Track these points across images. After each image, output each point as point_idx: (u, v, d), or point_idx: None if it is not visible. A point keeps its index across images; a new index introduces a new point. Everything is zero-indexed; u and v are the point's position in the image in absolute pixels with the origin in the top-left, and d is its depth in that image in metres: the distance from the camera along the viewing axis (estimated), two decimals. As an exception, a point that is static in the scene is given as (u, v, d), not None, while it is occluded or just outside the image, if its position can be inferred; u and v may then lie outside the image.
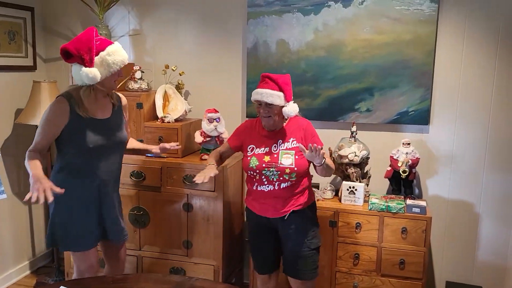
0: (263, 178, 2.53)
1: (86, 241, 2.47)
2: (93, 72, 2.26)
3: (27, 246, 3.86)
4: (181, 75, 3.47)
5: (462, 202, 3.24)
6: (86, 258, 2.53)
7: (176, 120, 3.32)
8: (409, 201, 2.99)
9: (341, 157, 3.11)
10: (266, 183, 2.53)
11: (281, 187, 2.50)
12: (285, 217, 2.54)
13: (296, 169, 2.45)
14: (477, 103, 3.12)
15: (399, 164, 3.05)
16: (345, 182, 3.09)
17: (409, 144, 3.10)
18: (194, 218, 3.18)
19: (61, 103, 2.33)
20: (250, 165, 2.55)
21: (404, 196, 3.14)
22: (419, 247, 2.92)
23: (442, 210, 3.27)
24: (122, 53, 2.37)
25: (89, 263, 2.54)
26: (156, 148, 2.77)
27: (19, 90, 3.64)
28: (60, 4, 3.81)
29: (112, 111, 2.50)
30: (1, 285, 3.58)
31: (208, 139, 3.20)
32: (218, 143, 3.23)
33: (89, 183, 2.42)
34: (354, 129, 3.13)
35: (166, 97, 3.42)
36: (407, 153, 3.08)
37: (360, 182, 3.11)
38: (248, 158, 2.58)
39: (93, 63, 2.27)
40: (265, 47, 3.39)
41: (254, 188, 2.59)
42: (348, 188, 3.07)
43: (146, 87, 3.40)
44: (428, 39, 3.08)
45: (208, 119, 3.16)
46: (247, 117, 3.52)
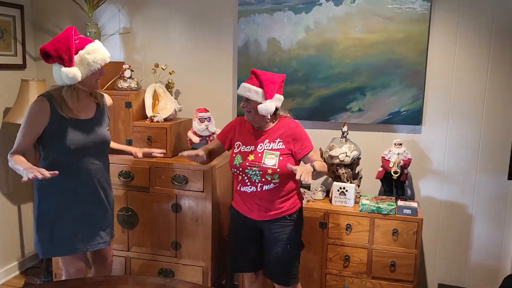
0: (245, 179, 2.50)
1: (72, 244, 2.42)
2: (72, 71, 2.21)
3: (16, 246, 3.82)
4: (171, 74, 3.44)
5: (454, 203, 3.20)
6: (75, 262, 2.49)
7: (166, 120, 3.28)
8: (400, 203, 2.94)
9: (331, 157, 3.06)
10: (249, 184, 2.49)
11: (264, 189, 2.45)
12: (269, 221, 2.50)
13: (278, 170, 2.40)
14: (470, 103, 3.08)
15: (390, 165, 3.01)
16: (335, 183, 3.05)
17: (401, 144, 3.06)
18: (183, 218, 3.14)
19: (42, 102, 2.28)
20: (234, 162, 2.52)
21: (395, 197, 3.10)
22: (410, 249, 2.88)
23: (435, 212, 3.23)
24: (103, 51, 2.32)
25: (78, 266, 2.50)
26: (140, 153, 2.69)
27: (8, 88, 3.60)
28: (50, 2, 3.77)
29: (96, 110, 2.45)
30: (-10, 285, 3.55)
31: (199, 139, 3.16)
32: (209, 142, 3.19)
33: (72, 185, 2.37)
34: (345, 129, 3.09)
35: (155, 96, 3.38)
36: (398, 153, 3.03)
37: (351, 183, 3.07)
38: (234, 155, 2.55)
39: (72, 63, 2.22)
40: (256, 45, 3.35)
41: (238, 188, 2.56)
42: (338, 189, 3.03)
43: (136, 86, 3.36)
44: (421, 38, 3.04)
45: (199, 118, 3.13)
46: (238, 116, 3.47)
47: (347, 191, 3.01)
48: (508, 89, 3.00)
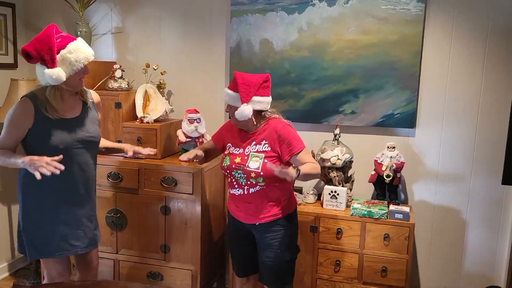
0: (233, 181, 2.46)
1: (55, 246, 2.36)
2: (56, 73, 2.15)
3: (5, 248, 3.77)
4: (162, 74, 3.39)
5: (448, 208, 3.14)
6: (57, 265, 2.44)
7: (156, 121, 3.24)
8: (392, 207, 2.89)
9: (323, 160, 3.01)
10: (236, 186, 2.45)
11: (250, 192, 2.40)
12: (259, 225, 2.45)
13: (262, 173, 2.33)
14: (464, 106, 3.02)
15: (383, 168, 2.96)
16: (327, 186, 3.00)
17: (394, 147, 3.01)
18: (172, 221, 3.09)
19: (25, 103, 2.23)
20: (223, 163, 2.49)
21: (388, 202, 3.04)
22: (401, 255, 2.82)
23: (428, 216, 3.17)
24: (85, 49, 2.26)
25: (60, 269, 2.45)
26: (130, 150, 2.65)
27: (-2, 88, 3.57)
28: (42, 1, 3.74)
29: (82, 108, 2.40)
30: (-22, 287, 3.51)
31: (188, 139, 3.12)
32: (198, 144, 3.15)
33: (57, 186, 2.32)
34: (337, 131, 3.04)
35: (146, 97, 3.34)
36: (391, 157, 2.98)
37: (342, 187, 3.01)
38: (223, 156, 2.52)
39: (55, 63, 2.16)
40: (248, 46, 3.30)
41: (229, 190, 2.54)
42: (330, 193, 2.98)
43: (126, 86, 3.32)
44: (415, 39, 2.98)
45: (188, 119, 3.08)
46: (229, 117, 3.42)
47: (338, 194, 2.96)
48: (503, 92, 2.94)
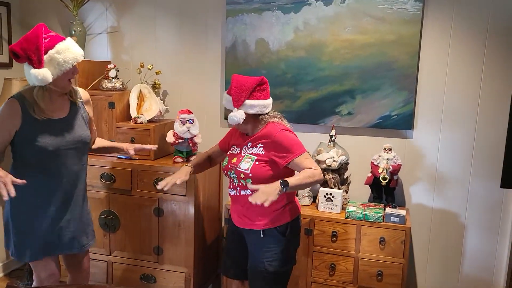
0: (230, 181, 2.42)
1: (43, 248, 2.33)
2: (42, 73, 2.10)
3: (0, 248, 3.74)
4: (157, 74, 3.36)
5: (447, 211, 3.08)
6: (46, 267, 2.40)
7: (150, 121, 3.20)
8: (387, 210, 2.84)
9: (319, 162, 2.96)
10: (231, 186, 2.41)
11: (242, 194, 2.34)
12: (249, 230, 2.38)
13: (250, 175, 2.26)
14: (463, 107, 2.97)
15: (379, 171, 2.91)
16: (322, 189, 2.95)
17: (391, 149, 2.96)
18: (165, 223, 3.05)
19: (12, 105, 2.18)
20: (223, 163, 2.46)
21: (384, 204, 2.99)
22: (397, 259, 2.77)
23: (426, 220, 3.12)
24: (74, 49, 2.20)
25: (49, 271, 2.41)
26: (131, 149, 2.59)
27: (-8, 87, 3.53)
28: (37, 0, 3.70)
29: (70, 109, 2.36)
30: (-29, 288, 3.47)
31: (180, 140, 3.08)
32: (191, 145, 3.11)
33: (45, 187, 2.28)
34: (333, 133, 2.99)
35: (141, 97, 3.30)
36: (388, 159, 2.93)
37: (338, 189, 2.96)
38: (226, 156, 2.48)
39: (42, 64, 2.11)
40: (244, 46, 3.26)
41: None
42: (325, 195, 2.93)
43: (121, 86, 3.28)
44: (412, 39, 2.93)
45: (180, 120, 3.04)
46: (225, 118, 3.39)
47: (333, 197, 2.91)
48: (503, 93, 2.88)
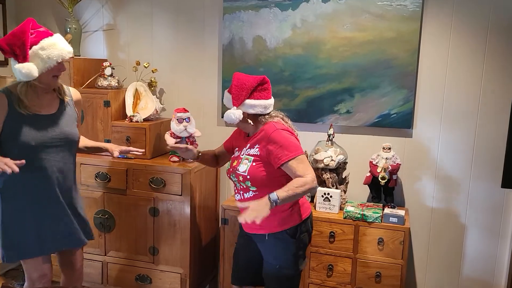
0: (234, 185, 2.35)
1: (33, 247, 2.29)
2: (26, 67, 2.07)
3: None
4: (154, 72, 3.32)
5: (447, 211, 3.03)
6: (38, 267, 2.35)
7: (146, 120, 3.16)
8: (386, 210, 2.79)
9: (316, 161, 2.92)
10: (236, 191, 2.35)
11: (245, 197, 2.28)
12: (257, 235, 2.32)
13: (248, 177, 2.20)
14: (463, 105, 2.91)
15: (378, 170, 2.86)
16: (320, 188, 2.90)
17: (389, 148, 2.91)
18: (161, 223, 3.01)
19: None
20: (227, 167, 2.40)
21: (383, 205, 2.94)
22: (396, 260, 2.72)
23: (426, 220, 3.07)
24: (60, 46, 2.16)
25: (41, 272, 2.37)
26: (117, 150, 2.52)
27: (-13, 85, 3.50)
28: (33, -3, 3.68)
29: (59, 106, 2.32)
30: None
31: (177, 140, 3.03)
32: (189, 144, 3.06)
33: (34, 183, 2.24)
34: (331, 132, 2.94)
35: (137, 95, 3.26)
36: (387, 158, 2.88)
37: (336, 189, 2.92)
38: (229, 160, 2.43)
39: (27, 59, 2.08)
40: (241, 43, 3.21)
41: None
42: (323, 195, 2.88)
43: (116, 84, 3.24)
44: (412, 37, 2.88)
45: (177, 119, 2.99)
46: (222, 117, 3.34)
47: (331, 197, 2.86)
48: (504, 91, 2.83)
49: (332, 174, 2.92)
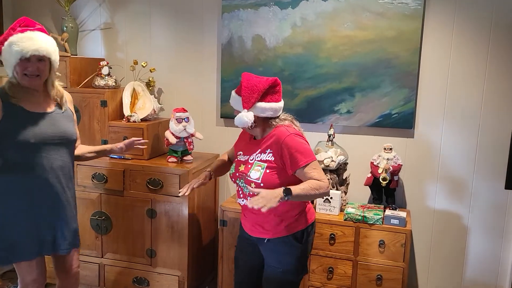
0: (239, 190, 2.28)
1: (25, 249, 2.23)
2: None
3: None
4: (152, 71, 3.27)
5: (449, 213, 2.98)
6: (31, 270, 2.30)
7: (144, 120, 3.12)
8: (387, 212, 2.74)
9: (316, 162, 2.87)
10: (242, 196, 2.27)
11: None
12: (261, 239, 2.27)
13: (262, 185, 2.13)
14: (466, 105, 2.87)
15: (379, 171, 2.81)
16: (320, 190, 2.85)
17: (391, 149, 2.86)
18: (158, 225, 2.97)
19: None
20: (230, 171, 2.33)
21: (384, 206, 2.89)
22: (398, 262, 2.68)
23: (428, 222, 3.02)
24: (25, 44, 2.06)
25: (34, 275, 2.31)
26: (121, 143, 2.49)
27: (-17, 85, 3.46)
28: (30, -4, 3.63)
29: (56, 105, 2.28)
30: (-38, 290, 3.40)
31: (176, 140, 2.99)
32: (187, 144, 3.02)
33: (26, 185, 2.19)
34: (331, 132, 2.90)
35: (135, 95, 3.22)
36: (388, 159, 2.84)
37: (337, 190, 2.87)
38: (233, 163, 2.35)
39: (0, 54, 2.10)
40: (240, 43, 3.17)
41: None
42: (323, 196, 2.83)
43: (114, 84, 3.20)
44: (413, 35, 2.83)
45: (176, 119, 2.95)
46: (221, 117, 3.30)
47: (332, 198, 2.81)
48: (507, 90, 2.78)
49: (332, 175, 2.87)
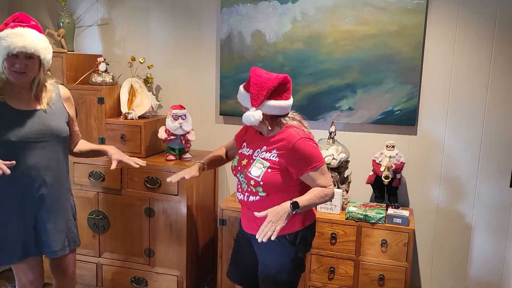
0: (238, 184, 2.23)
1: (17, 251, 2.17)
2: None
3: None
4: (149, 68, 3.22)
5: (453, 211, 2.92)
6: (27, 271, 2.25)
7: (141, 117, 3.07)
8: (390, 211, 2.68)
9: (317, 160, 2.81)
10: (240, 190, 2.23)
11: (249, 200, 2.17)
12: (255, 236, 2.18)
13: (261, 183, 2.08)
14: (470, 102, 2.81)
15: (381, 169, 2.76)
16: (321, 188, 2.80)
17: (393, 146, 2.80)
18: (156, 224, 2.92)
19: None
20: (232, 163, 2.28)
21: (386, 205, 2.83)
22: (400, 262, 2.62)
23: (431, 221, 2.96)
24: (13, 40, 2.00)
25: (31, 276, 2.26)
26: (115, 161, 2.39)
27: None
28: (27, -9, 3.57)
29: (46, 102, 2.20)
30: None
31: (172, 137, 2.94)
32: (184, 142, 2.97)
33: (16, 184, 2.12)
34: (332, 129, 2.84)
35: (132, 92, 3.16)
36: (390, 156, 2.78)
37: (338, 188, 2.81)
38: (236, 155, 2.30)
39: None
40: (239, 38, 3.11)
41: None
42: (324, 195, 2.77)
43: (111, 80, 3.15)
44: (416, 30, 2.77)
45: (172, 116, 2.90)
46: (220, 114, 3.24)
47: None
48: (513, 87, 2.72)
49: (333, 173, 2.81)
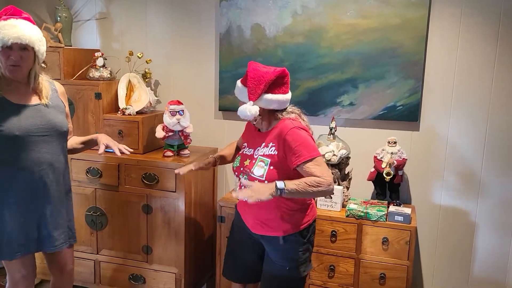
0: (241, 184, 2.16)
1: (10, 247, 2.15)
2: None
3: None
4: (148, 63, 3.17)
5: (456, 209, 2.87)
6: (20, 267, 2.23)
7: (139, 113, 3.03)
8: (391, 208, 2.63)
9: (317, 156, 2.76)
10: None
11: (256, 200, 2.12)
12: (264, 236, 2.19)
13: (266, 182, 2.04)
14: (474, 96, 2.74)
15: (383, 166, 2.70)
16: (321, 185, 2.75)
17: (395, 143, 2.75)
18: (154, 220, 2.88)
19: None
20: (233, 164, 2.25)
21: (388, 202, 2.78)
22: (402, 260, 2.57)
23: (434, 218, 2.91)
24: (7, 32, 1.97)
25: (24, 272, 2.24)
26: (103, 144, 2.32)
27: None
28: (24, -15, 3.53)
29: (44, 97, 2.18)
30: (-44, 287, 3.34)
31: (171, 133, 2.89)
32: (183, 138, 2.92)
33: (14, 179, 2.11)
34: (333, 125, 2.79)
35: (130, 87, 3.12)
36: (392, 153, 2.73)
37: (338, 185, 2.76)
38: (237, 155, 2.27)
39: None
40: (239, 32, 3.06)
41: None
42: (324, 192, 2.72)
43: (109, 75, 3.10)
44: (419, 23, 2.71)
45: (170, 111, 2.85)
46: (219, 109, 3.19)
47: (333, 194, 2.70)
48: (518, 82, 2.66)
49: (334, 169, 2.76)
